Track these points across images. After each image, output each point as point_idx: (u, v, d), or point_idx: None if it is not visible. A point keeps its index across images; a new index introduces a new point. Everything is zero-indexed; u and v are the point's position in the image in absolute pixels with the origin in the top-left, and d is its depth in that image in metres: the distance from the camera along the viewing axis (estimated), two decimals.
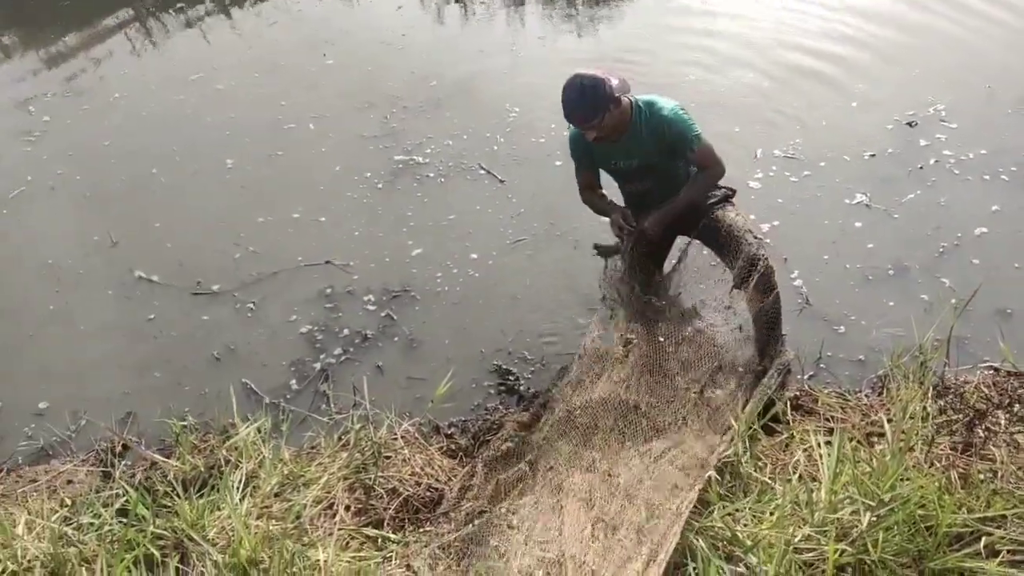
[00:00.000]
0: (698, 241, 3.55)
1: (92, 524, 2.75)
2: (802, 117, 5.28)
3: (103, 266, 4.48)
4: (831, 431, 3.00)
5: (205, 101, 5.95)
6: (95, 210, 4.92)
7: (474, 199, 4.85)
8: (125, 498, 2.84)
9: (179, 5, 7.55)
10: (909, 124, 5.05)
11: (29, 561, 2.58)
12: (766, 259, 3.32)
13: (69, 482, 3.23)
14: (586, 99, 3.13)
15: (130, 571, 2.46)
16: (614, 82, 3.15)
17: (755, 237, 3.40)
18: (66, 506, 2.94)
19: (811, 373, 3.58)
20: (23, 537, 2.66)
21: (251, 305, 4.17)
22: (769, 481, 2.77)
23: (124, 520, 2.75)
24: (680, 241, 3.66)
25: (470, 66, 6.19)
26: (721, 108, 5.36)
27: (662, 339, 3.44)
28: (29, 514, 2.84)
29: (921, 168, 4.68)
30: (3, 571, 2.52)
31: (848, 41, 6.11)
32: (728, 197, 3.58)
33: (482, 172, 5.05)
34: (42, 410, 3.65)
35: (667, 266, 3.76)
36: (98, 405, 3.62)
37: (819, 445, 2.78)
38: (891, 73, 5.67)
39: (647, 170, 3.40)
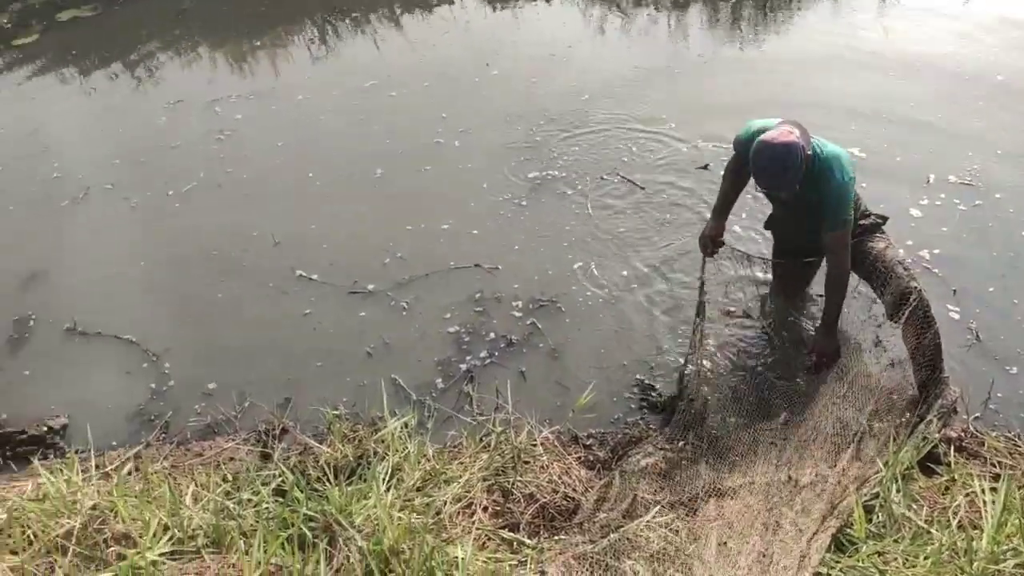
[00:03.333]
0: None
1: (251, 500, 2.93)
2: (983, 141, 4.98)
3: (263, 261, 4.74)
4: (997, 477, 2.81)
5: (377, 108, 6.20)
6: (254, 208, 5.22)
7: (615, 209, 4.90)
8: (281, 479, 3.02)
9: (355, 15, 7.94)
10: None
11: (193, 530, 2.78)
12: (919, 292, 3.17)
13: (231, 459, 3.45)
14: (788, 173, 3.06)
15: (284, 548, 2.61)
16: (801, 141, 3.07)
17: (905, 269, 3.27)
18: (228, 481, 3.14)
19: (977, 414, 3.38)
20: (190, 507, 2.87)
21: (404, 304, 4.33)
22: (924, 525, 2.63)
23: (280, 500, 2.92)
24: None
25: (623, 80, 6.21)
26: (894, 128, 5.15)
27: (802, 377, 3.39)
28: (196, 486, 3.06)
29: None
30: (171, 538, 2.72)
31: None
32: (878, 225, 3.44)
33: (617, 180, 5.13)
34: (210, 390, 3.91)
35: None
36: (261, 388, 3.85)
37: (983, 491, 2.61)
38: None
39: (793, 204, 3.34)
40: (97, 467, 3.29)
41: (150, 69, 7.30)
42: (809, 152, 3.10)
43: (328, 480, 3.04)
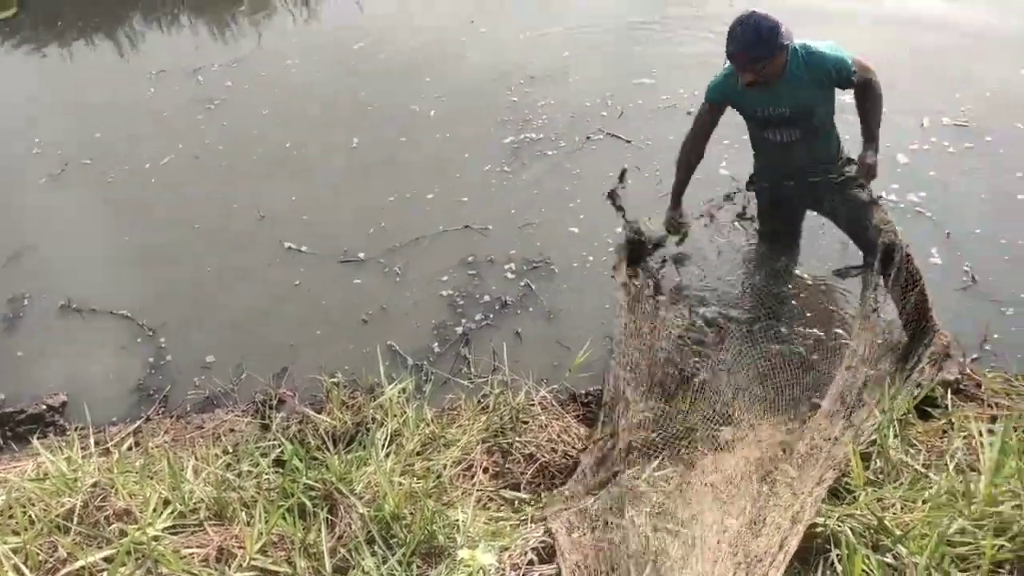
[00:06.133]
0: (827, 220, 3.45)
1: (251, 471, 2.93)
2: (975, 83, 4.92)
3: (248, 234, 4.71)
4: (995, 419, 2.82)
5: (363, 71, 6.12)
6: (233, 180, 5.18)
7: (603, 165, 4.83)
8: (280, 449, 3.02)
9: None
10: None
11: (195, 503, 2.78)
12: (904, 248, 3.14)
13: (231, 430, 3.45)
14: (761, 40, 3.07)
15: (284, 518, 2.62)
16: (783, 28, 3.09)
17: (887, 221, 3.25)
18: (228, 453, 3.14)
19: (975, 355, 3.38)
20: (191, 480, 2.87)
21: (397, 270, 4.30)
22: (922, 469, 2.64)
23: (280, 470, 2.92)
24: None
25: (613, 35, 6.14)
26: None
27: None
28: (196, 459, 3.06)
29: None
30: (172, 512, 2.72)
31: None
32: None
33: (602, 137, 5.12)
34: (209, 363, 3.90)
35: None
36: (258, 360, 3.85)
37: (981, 433, 2.61)
38: None
39: (798, 118, 3.30)
40: (97, 444, 3.29)
41: (132, 39, 7.18)
42: (788, 43, 3.11)
43: (328, 448, 3.04)
